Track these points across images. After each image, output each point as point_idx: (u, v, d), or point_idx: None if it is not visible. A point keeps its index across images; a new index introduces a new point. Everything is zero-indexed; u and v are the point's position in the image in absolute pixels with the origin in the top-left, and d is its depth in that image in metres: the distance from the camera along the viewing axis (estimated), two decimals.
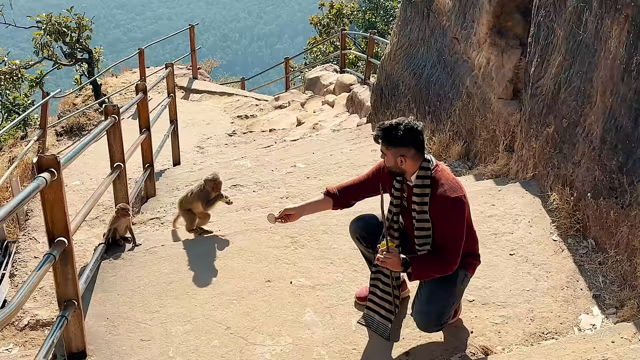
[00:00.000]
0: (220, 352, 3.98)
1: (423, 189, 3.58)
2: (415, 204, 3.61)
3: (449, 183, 3.56)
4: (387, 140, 3.59)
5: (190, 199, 5.51)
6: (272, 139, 11.93)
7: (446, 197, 3.52)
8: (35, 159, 3.53)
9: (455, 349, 3.86)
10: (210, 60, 25.05)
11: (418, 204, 3.60)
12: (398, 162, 3.59)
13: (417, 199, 3.60)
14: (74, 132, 13.79)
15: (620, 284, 4.24)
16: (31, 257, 7.56)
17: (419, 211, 3.59)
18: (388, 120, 3.61)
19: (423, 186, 3.58)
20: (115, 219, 5.30)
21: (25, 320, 6.29)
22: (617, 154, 4.37)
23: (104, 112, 5.57)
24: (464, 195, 3.55)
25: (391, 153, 3.60)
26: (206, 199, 5.44)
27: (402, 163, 3.59)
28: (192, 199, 5.50)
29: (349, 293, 4.46)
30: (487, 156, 6.70)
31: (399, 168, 3.62)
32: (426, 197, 3.57)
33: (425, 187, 3.58)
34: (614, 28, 4.46)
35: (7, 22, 16.35)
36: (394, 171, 3.67)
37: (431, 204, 3.56)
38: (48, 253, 3.53)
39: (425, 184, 3.58)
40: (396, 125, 3.55)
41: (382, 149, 3.65)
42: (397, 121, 3.57)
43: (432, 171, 3.59)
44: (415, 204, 3.61)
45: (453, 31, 7.63)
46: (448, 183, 3.56)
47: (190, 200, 5.50)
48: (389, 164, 3.66)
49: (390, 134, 3.56)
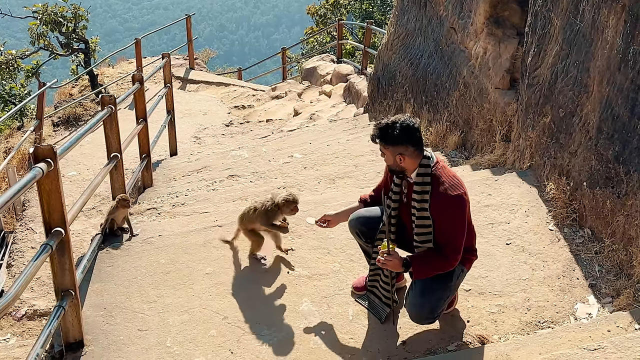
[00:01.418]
0: (217, 341, 4.00)
1: (423, 187, 3.57)
2: (415, 201, 3.60)
3: (450, 180, 3.55)
4: (384, 139, 3.56)
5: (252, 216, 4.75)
6: (269, 129, 11.92)
7: (447, 195, 3.51)
8: (31, 149, 3.52)
9: (451, 338, 3.88)
10: (207, 50, 25.02)
11: (418, 201, 3.59)
12: (397, 160, 3.58)
13: (417, 196, 3.59)
14: (70, 122, 13.77)
15: (616, 273, 4.25)
16: (28, 248, 7.56)
17: (419, 208, 3.59)
18: (384, 119, 3.59)
19: (423, 183, 3.57)
20: (114, 209, 5.30)
21: (22, 311, 6.29)
22: (613, 143, 4.37)
23: (100, 102, 5.56)
24: (464, 192, 3.54)
25: (389, 152, 3.59)
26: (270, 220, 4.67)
27: (401, 161, 3.57)
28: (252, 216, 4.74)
29: (346, 283, 4.47)
30: (484, 146, 6.70)
31: (399, 166, 3.61)
32: (426, 195, 3.56)
33: (425, 184, 3.57)
34: (610, 18, 4.45)
35: (3, 12, 16.29)
36: (394, 169, 3.67)
37: (431, 201, 3.55)
38: (45, 243, 3.53)
39: (426, 181, 3.57)
40: (392, 124, 3.52)
41: (380, 148, 3.64)
42: (393, 119, 3.54)
43: (432, 168, 3.58)
44: (416, 201, 3.60)
45: (450, 21, 7.62)
46: (449, 180, 3.54)
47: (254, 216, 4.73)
48: (389, 163, 3.65)
49: (387, 132, 3.54)
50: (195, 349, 3.95)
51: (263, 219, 4.65)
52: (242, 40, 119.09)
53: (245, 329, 4.09)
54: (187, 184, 7.56)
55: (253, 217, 4.72)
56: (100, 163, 9.45)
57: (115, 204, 5.34)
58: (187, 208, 6.24)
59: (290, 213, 4.61)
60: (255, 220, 4.71)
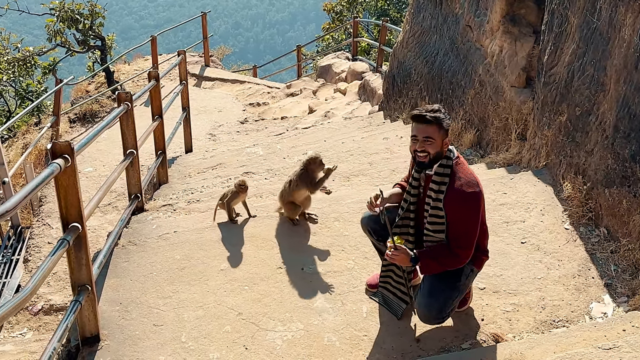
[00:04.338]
0: (232, 337, 4.02)
1: (442, 178, 3.56)
2: (432, 190, 3.59)
3: (467, 177, 3.54)
4: (441, 123, 3.52)
5: (291, 189, 5.19)
6: (283, 127, 11.94)
7: (462, 191, 3.50)
8: (49, 145, 3.55)
9: (466, 336, 3.87)
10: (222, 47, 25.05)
11: (435, 192, 3.57)
12: (443, 145, 3.56)
13: (434, 186, 3.58)
14: (86, 119, 13.87)
15: (632, 272, 4.23)
16: (45, 243, 7.64)
17: (435, 199, 3.57)
18: (429, 105, 3.58)
19: (443, 175, 3.56)
20: (233, 195, 5.40)
21: (39, 305, 6.36)
22: (630, 142, 4.34)
23: (116, 99, 5.59)
24: (480, 191, 3.53)
25: (440, 137, 3.53)
26: (312, 181, 5.13)
27: (445, 146, 3.56)
28: (294, 189, 5.17)
29: (360, 280, 4.47)
30: (500, 144, 6.68)
31: (442, 153, 3.56)
32: (443, 186, 3.55)
33: (445, 176, 3.55)
34: (628, 16, 4.42)
35: (21, 9, 16.41)
36: (433, 158, 3.56)
37: (447, 195, 3.54)
38: (62, 238, 3.56)
39: (446, 172, 3.55)
40: (439, 110, 3.53)
41: (429, 134, 3.52)
42: (438, 106, 3.55)
43: (452, 162, 3.58)
44: (433, 191, 3.58)
45: (466, 19, 7.59)
46: (466, 177, 3.54)
47: (291, 191, 5.19)
48: (434, 150, 3.54)
49: (443, 118, 3.52)
50: (210, 344, 3.97)
51: (305, 182, 5.12)
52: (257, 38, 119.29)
53: (260, 325, 4.11)
54: (202, 181, 7.59)
55: (292, 189, 5.17)
56: (116, 159, 9.53)
57: (234, 189, 5.40)
58: (202, 205, 6.26)
59: (319, 168, 5.12)
60: (297, 189, 5.15)
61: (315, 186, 5.13)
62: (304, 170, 5.14)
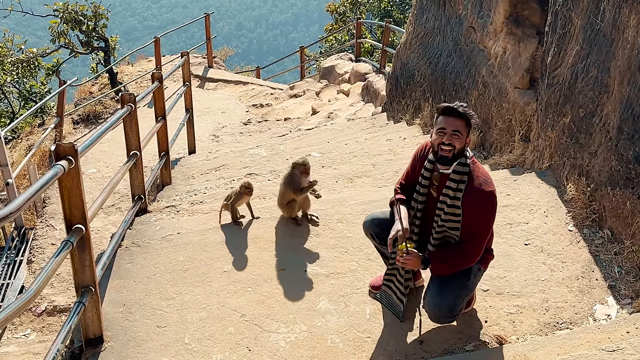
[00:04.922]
0: (235, 338, 4.02)
1: (462, 176, 3.55)
2: (450, 189, 3.57)
3: (484, 176, 3.54)
4: (468, 120, 3.55)
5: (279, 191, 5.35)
6: (287, 128, 11.94)
7: (481, 190, 3.50)
8: (53, 146, 3.55)
9: (469, 338, 3.87)
10: (225, 48, 25.12)
11: (453, 190, 3.56)
12: (467, 142, 3.57)
13: (452, 185, 3.56)
14: (90, 120, 13.89)
15: (636, 274, 4.22)
16: (48, 244, 7.65)
17: (453, 197, 3.56)
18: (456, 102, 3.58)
19: (462, 173, 3.55)
20: (237, 197, 5.41)
21: (42, 306, 6.37)
22: (634, 144, 4.34)
23: (120, 100, 5.59)
24: (495, 190, 3.54)
25: (466, 133, 3.55)
26: (296, 187, 5.19)
27: (466, 145, 3.58)
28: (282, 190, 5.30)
29: (363, 282, 4.47)
30: (503, 146, 6.67)
31: (463, 151, 3.57)
32: (462, 185, 3.54)
33: (463, 174, 3.55)
34: (631, 17, 4.41)
35: (25, 11, 16.45)
36: (457, 153, 3.56)
37: (465, 195, 3.53)
38: (66, 240, 3.56)
39: (465, 171, 3.55)
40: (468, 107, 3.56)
41: (457, 128, 3.53)
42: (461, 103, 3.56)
43: (469, 161, 3.59)
44: (451, 189, 3.57)
45: (469, 20, 7.59)
46: (483, 176, 3.54)
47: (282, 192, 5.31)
48: (460, 144, 3.54)
49: (470, 114, 3.54)
50: (213, 346, 3.97)
51: (290, 186, 5.20)
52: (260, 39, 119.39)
53: (263, 326, 4.11)
54: (205, 182, 7.60)
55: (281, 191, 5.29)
56: (120, 161, 9.55)
57: (238, 191, 5.42)
58: (205, 206, 6.27)
59: (303, 175, 5.17)
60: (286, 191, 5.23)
61: (299, 192, 5.21)
62: (289, 174, 5.24)
